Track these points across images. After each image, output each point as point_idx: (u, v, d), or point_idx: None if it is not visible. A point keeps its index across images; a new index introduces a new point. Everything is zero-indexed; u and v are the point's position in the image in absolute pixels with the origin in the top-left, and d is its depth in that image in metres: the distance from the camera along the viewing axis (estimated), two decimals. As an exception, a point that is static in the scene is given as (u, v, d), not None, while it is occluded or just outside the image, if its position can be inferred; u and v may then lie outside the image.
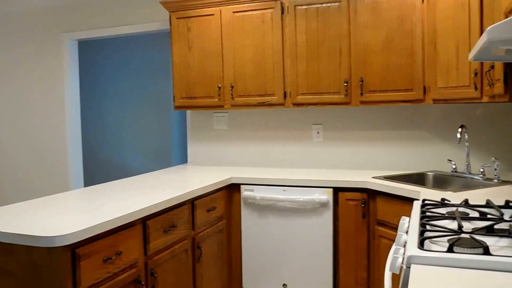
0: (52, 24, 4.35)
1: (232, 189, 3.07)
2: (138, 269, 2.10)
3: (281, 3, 3.10)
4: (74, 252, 1.73)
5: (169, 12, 3.43)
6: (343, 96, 2.99)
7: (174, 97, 3.46)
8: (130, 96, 5.65)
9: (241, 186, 3.02)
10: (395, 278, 1.56)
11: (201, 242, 2.69)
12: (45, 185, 4.52)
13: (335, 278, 2.87)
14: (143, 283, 2.13)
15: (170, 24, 3.43)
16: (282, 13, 3.10)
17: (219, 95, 3.31)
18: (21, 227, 1.78)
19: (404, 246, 1.42)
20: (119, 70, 5.71)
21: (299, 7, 3.06)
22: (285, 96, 3.14)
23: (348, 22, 2.96)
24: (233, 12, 3.22)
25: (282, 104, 3.15)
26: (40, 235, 1.67)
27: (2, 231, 1.75)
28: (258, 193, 2.95)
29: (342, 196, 2.81)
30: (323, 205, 2.83)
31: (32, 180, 4.60)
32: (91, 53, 5.80)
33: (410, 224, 1.58)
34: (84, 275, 1.77)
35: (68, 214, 2.01)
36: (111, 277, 1.94)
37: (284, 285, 2.96)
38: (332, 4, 2.98)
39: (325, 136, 3.40)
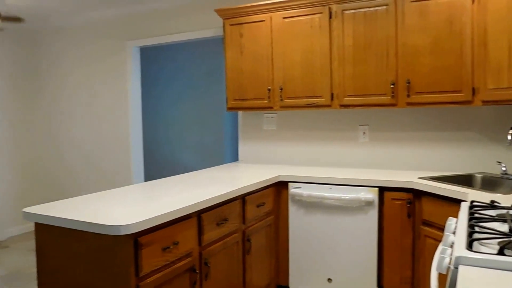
0: (118, 33, 4.55)
1: (280, 186, 3.07)
2: (193, 259, 2.15)
3: (329, 8, 3.06)
4: (137, 240, 1.80)
5: (223, 19, 3.48)
6: (389, 97, 2.91)
7: (226, 99, 3.51)
8: (185, 98, 5.79)
9: (289, 183, 3.01)
10: (441, 278, 1.49)
11: (251, 235, 2.71)
12: (110, 179, 4.73)
13: (379, 275, 2.80)
14: (197, 271, 2.17)
15: (224, 31, 3.48)
16: (330, 17, 3.06)
17: (268, 97, 3.32)
18: (91, 216, 1.86)
19: (452, 246, 1.36)
20: (175, 74, 5.86)
21: (347, 12, 3.00)
22: (332, 98, 3.09)
23: (395, 25, 2.87)
24: (283, 18, 3.22)
25: (329, 106, 3.11)
26: (107, 224, 1.75)
27: (74, 219, 1.84)
28: (305, 191, 2.93)
29: (387, 195, 2.73)
30: (369, 203, 2.76)
31: (99, 175, 4.83)
32: (150, 59, 6.00)
33: (457, 225, 1.51)
34: (145, 262, 1.84)
35: (131, 205, 2.09)
36: (168, 265, 1.99)
37: (329, 279, 2.92)
38: (380, 7, 2.91)
39: (371, 137, 3.32)
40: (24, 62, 5.17)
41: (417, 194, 2.65)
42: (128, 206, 2.09)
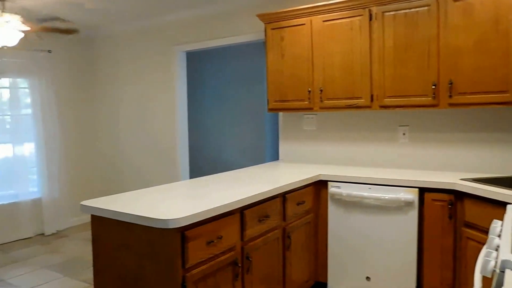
0: (165, 39, 4.67)
1: (320, 185, 3.03)
2: (235, 253, 2.17)
3: (369, 11, 2.98)
4: (184, 234, 1.84)
5: (265, 23, 3.48)
6: (430, 98, 2.80)
7: (268, 100, 3.51)
8: (227, 100, 5.85)
9: (329, 182, 2.97)
10: (485, 281, 1.42)
11: (291, 232, 2.70)
12: (158, 175, 4.86)
13: (419, 276, 2.70)
14: (239, 265, 2.19)
15: (265, 35, 3.48)
16: (370, 19, 2.98)
17: (309, 98, 3.29)
18: (142, 210, 1.92)
19: (497, 250, 1.29)
20: (218, 77, 5.94)
21: (387, 14, 2.92)
22: (372, 99, 3.02)
23: (438, 25, 2.76)
24: (323, 21, 3.18)
25: (369, 107, 3.03)
26: (156, 217, 1.80)
27: (127, 212, 1.91)
28: (345, 190, 2.88)
29: (428, 196, 2.63)
30: (408, 204, 2.67)
31: (148, 171, 4.97)
32: (195, 62, 6.10)
33: (503, 228, 1.42)
34: (191, 254, 1.87)
35: (178, 201, 2.14)
36: (212, 258, 2.02)
37: (367, 277, 2.85)
38: (421, 8, 2.80)
39: (411, 138, 3.21)
40: (82, 66, 5.41)
41: (458, 196, 2.53)
42: (176, 201, 2.14)
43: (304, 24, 3.27)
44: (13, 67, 4.69)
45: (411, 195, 2.65)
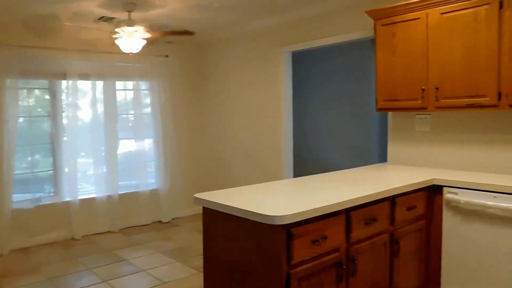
0: (271, 40, 4.77)
1: (433, 191, 2.81)
2: (340, 254, 2.13)
3: (499, -2, 2.67)
4: (290, 231, 1.86)
5: (374, 20, 3.34)
6: None
7: (376, 100, 3.37)
8: (332, 99, 5.76)
9: (444, 188, 2.73)
10: None
11: (399, 238, 2.55)
12: (262, 173, 4.99)
13: (555, 300, 2.34)
14: (344, 267, 2.14)
15: (375, 31, 3.34)
16: (501, 7, 2.66)
17: (422, 97, 3.07)
18: (249, 205, 1.99)
19: None
20: (322, 76, 5.87)
21: (521, 1, 2.58)
22: (499, 97, 2.69)
23: None
24: (441, 13, 2.94)
25: (496, 106, 2.71)
26: (264, 213, 1.85)
27: (235, 206, 1.99)
28: (463, 197, 2.62)
29: None
30: (543, 217, 2.33)
31: (254, 168, 5.14)
32: (299, 63, 6.12)
33: None
34: (296, 252, 1.88)
35: (284, 198, 2.17)
36: (316, 257, 2.01)
37: (488, 296, 2.56)
38: None
39: (547, 141, 2.80)
40: (194, 69, 5.82)
41: None
42: (282, 198, 2.17)
43: (418, 18, 3.06)
44: (136, 71, 5.23)
45: (546, 207, 2.31)
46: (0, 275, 3.63)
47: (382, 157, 5.17)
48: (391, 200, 2.49)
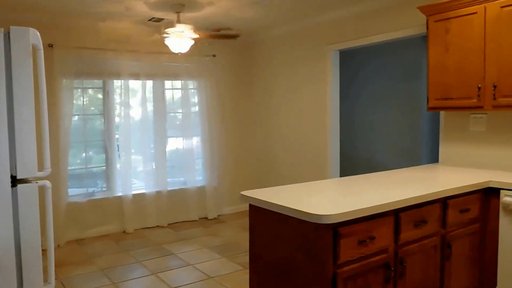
0: (318, 39, 4.76)
1: (489, 193, 2.71)
2: (388, 256, 2.12)
3: None
4: (337, 230, 1.88)
5: (427, 16, 3.26)
6: None
7: (427, 98, 3.29)
8: (381, 98, 5.65)
9: (501, 191, 2.63)
10: None
11: (451, 241, 2.49)
12: (308, 172, 5.01)
13: None
14: (392, 269, 2.13)
15: (427, 28, 3.26)
16: None
17: (478, 95, 2.96)
18: (295, 204, 2.02)
19: None
20: (370, 75, 5.78)
21: None
22: None
23: None
24: (501, 6, 2.82)
25: (559, 105, 2.58)
26: (310, 212, 1.88)
27: (282, 204, 2.04)
28: (521, 201, 2.52)
29: None
30: None
31: (299, 167, 5.16)
32: (346, 62, 6.05)
33: None
34: (343, 251, 1.90)
35: (331, 197, 2.19)
36: (363, 258, 2.01)
37: (549, 306, 2.44)
38: None
39: None
40: (241, 68, 5.92)
41: None
42: (328, 197, 2.19)
43: (475, 12, 2.96)
44: (184, 70, 5.40)
45: None
46: (57, 264, 3.90)
47: (432, 158, 5.03)
48: (443, 202, 2.43)
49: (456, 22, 3.08)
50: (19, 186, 1.94)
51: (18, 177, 1.94)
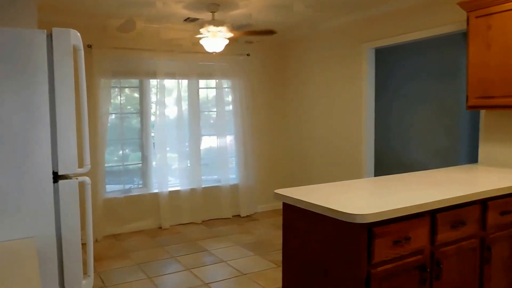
0: (354, 37, 4.72)
1: (532, 196, 2.62)
2: (423, 257, 2.10)
3: None
4: (371, 230, 1.88)
5: (467, 12, 3.18)
6: None
7: (467, 97, 3.20)
8: (418, 97, 5.53)
9: (545, 193, 2.54)
10: None
11: (491, 244, 2.43)
12: (342, 172, 4.98)
13: None
14: (428, 270, 2.10)
15: (468, 24, 3.18)
16: None
17: (521, 93, 2.86)
18: (330, 203, 2.03)
19: None
20: (405, 73, 5.66)
21: None
22: None
23: None
24: (546, 1, 2.72)
25: None
26: (344, 211, 1.89)
27: (316, 203, 2.05)
28: None
29: None
30: None
31: (333, 167, 5.15)
32: (382, 60, 5.96)
33: None
34: (377, 251, 1.90)
35: (365, 197, 2.19)
36: (398, 258, 2.00)
37: None
38: None
39: None
40: (274, 67, 5.96)
41: None
42: (363, 197, 2.19)
43: (519, 7, 2.86)
44: (218, 70, 5.50)
45: None
46: (95, 258, 4.08)
47: (471, 158, 4.88)
48: (482, 204, 2.38)
49: (499, 18, 2.98)
50: (60, 182, 1.99)
51: (59, 173, 1.99)
